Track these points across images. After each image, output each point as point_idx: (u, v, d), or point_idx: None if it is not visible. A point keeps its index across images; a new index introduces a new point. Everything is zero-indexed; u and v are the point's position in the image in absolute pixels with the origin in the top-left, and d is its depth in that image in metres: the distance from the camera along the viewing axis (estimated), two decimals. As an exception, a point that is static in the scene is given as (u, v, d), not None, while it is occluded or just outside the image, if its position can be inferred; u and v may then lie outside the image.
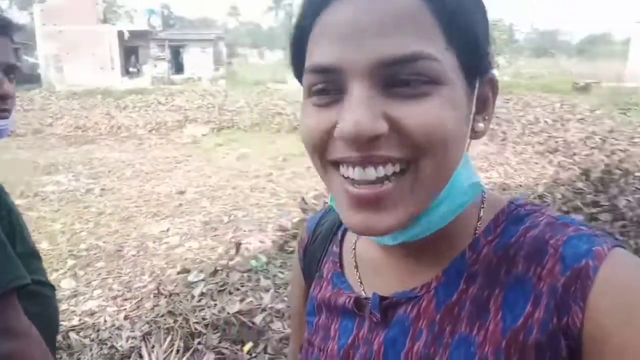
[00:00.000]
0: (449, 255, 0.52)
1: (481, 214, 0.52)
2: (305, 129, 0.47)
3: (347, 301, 0.58)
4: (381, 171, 0.43)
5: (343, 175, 0.46)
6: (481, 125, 0.49)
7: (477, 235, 0.51)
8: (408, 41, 0.41)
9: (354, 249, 0.62)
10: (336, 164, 0.46)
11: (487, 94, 0.49)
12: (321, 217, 0.71)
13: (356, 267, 0.61)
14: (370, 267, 0.59)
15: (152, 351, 2.49)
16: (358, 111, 0.41)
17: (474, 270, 0.50)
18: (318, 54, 0.45)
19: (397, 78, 0.42)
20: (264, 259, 3.90)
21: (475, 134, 0.49)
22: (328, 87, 0.45)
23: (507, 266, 0.48)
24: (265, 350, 2.57)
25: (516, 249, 0.48)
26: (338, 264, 0.63)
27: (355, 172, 0.44)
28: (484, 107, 0.49)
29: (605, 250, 0.44)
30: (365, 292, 0.58)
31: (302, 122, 0.48)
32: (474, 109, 0.48)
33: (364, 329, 0.56)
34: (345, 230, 0.66)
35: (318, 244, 0.68)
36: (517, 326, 0.45)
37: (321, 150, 0.47)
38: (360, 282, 0.59)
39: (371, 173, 0.43)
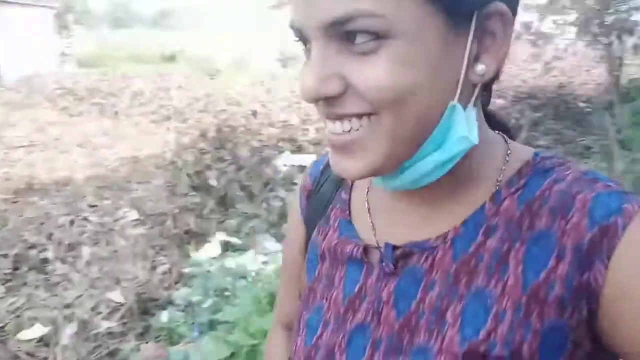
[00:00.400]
0: (468, 207, 0.50)
1: (504, 167, 0.51)
2: None
3: (354, 249, 0.56)
4: (347, 125, 0.45)
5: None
6: (481, 67, 0.45)
7: (499, 187, 0.50)
8: (346, 0, 0.40)
9: (367, 195, 0.61)
10: None
11: (493, 28, 0.44)
12: (327, 163, 0.68)
13: (369, 212, 0.59)
14: (383, 215, 0.58)
15: None
16: (308, 74, 0.43)
17: (494, 222, 0.48)
18: (291, 13, 0.46)
19: (348, 36, 0.42)
20: None
21: (481, 77, 0.45)
22: (305, 42, 0.47)
23: (530, 220, 0.47)
24: None
25: (540, 203, 0.47)
26: (347, 212, 0.61)
27: (327, 125, 0.47)
28: (492, 43, 0.45)
29: (635, 208, 0.43)
30: (377, 240, 0.56)
31: None
32: (467, 51, 0.44)
33: (371, 278, 0.55)
34: None
35: (325, 190, 0.66)
36: (538, 281, 0.44)
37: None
38: (373, 228, 0.57)
39: (337, 127, 0.46)
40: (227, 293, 2.61)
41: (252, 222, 3.73)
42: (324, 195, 0.66)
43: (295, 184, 3.85)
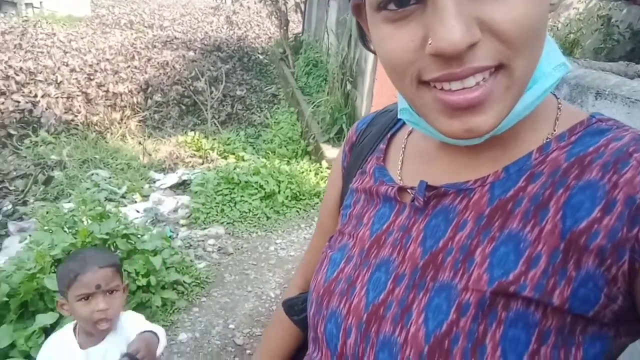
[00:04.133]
0: (512, 156, 0.49)
1: (556, 122, 0.50)
2: (386, 53, 0.44)
3: (389, 189, 0.57)
4: (479, 77, 0.41)
5: (436, 87, 0.43)
6: None
7: (549, 139, 0.49)
8: None
9: (404, 146, 0.61)
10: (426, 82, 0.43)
11: None
12: (373, 118, 0.70)
13: (402, 162, 0.60)
14: (421, 162, 0.58)
15: None
16: (451, 23, 0.38)
17: (539, 170, 0.47)
18: None
19: None
20: None
21: (552, 7, 0.45)
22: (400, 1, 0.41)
23: (579, 171, 0.45)
24: None
25: (593, 157, 0.45)
26: (382, 159, 0.62)
27: (452, 84, 0.42)
28: None
29: None
30: (412, 185, 0.55)
31: (379, 44, 0.45)
32: None
33: (402, 216, 0.55)
34: (396, 130, 0.65)
35: (366, 143, 0.67)
36: (579, 229, 0.43)
37: (412, 71, 0.43)
38: (410, 173, 0.58)
39: (470, 82, 0.41)
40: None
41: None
42: (365, 147, 0.67)
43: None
